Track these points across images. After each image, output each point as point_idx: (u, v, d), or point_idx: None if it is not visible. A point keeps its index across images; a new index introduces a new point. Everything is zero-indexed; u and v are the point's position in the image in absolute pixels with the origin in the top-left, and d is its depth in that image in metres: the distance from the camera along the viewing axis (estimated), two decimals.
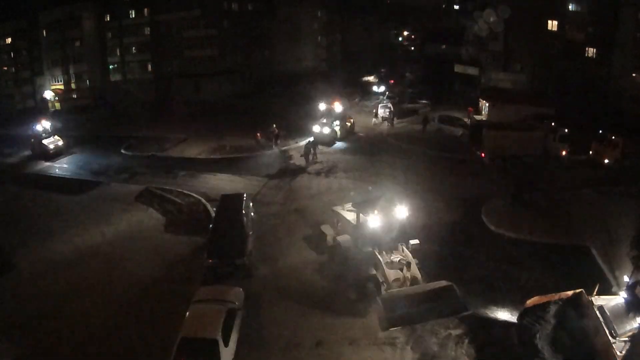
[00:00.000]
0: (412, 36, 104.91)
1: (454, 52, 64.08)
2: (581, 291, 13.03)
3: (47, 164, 33.60)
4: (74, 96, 63.68)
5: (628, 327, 12.13)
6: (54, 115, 51.51)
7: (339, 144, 34.31)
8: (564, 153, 28.83)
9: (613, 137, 28.38)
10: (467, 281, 16.39)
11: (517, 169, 27.43)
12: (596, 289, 13.25)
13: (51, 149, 34.80)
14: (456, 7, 74.77)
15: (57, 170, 32.44)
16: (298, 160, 30.50)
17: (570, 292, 13.16)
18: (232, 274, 16.34)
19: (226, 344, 12.16)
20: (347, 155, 31.95)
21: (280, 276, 17.02)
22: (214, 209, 20.97)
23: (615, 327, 12.08)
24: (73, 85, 64.41)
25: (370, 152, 32.20)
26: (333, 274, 16.88)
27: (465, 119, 38.14)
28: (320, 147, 31.91)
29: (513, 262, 17.36)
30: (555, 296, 13.24)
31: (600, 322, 12.09)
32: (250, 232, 18.19)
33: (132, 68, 64.52)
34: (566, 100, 40.98)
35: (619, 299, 13.08)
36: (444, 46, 70.73)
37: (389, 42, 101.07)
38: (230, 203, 19.45)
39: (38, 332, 14.27)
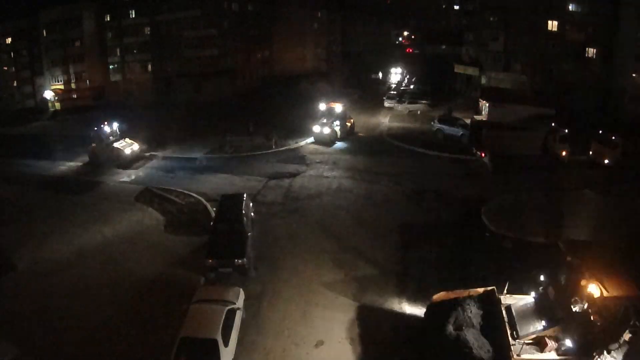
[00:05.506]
0: (412, 36, 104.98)
1: (454, 52, 64.25)
2: (493, 289, 12.92)
3: (128, 173, 29.68)
4: (74, 96, 63.72)
5: (532, 329, 11.64)
6: (54, 116, 51.52)
7: (339, 144, 34.31)
8: (564, 153, 28.78)
9: (613, 137, 28.36)
10: (467, 281, 16.40)
11: (517, 169, 27.40)
12: (506, 287, 13.04)
13: (127, 155, 31.11)
14: (456, 7, 74.78)
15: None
16: (298, 161, 30.48)
17: (481, 289, 13.11)
18: (232, 274, 16.32)
19: (226, 344, 12.16)
20: (347, 155, 31.94)
21: (280, 276, 17.02)
22: (214, 209, 20.97)
23: (518, 327, 11.70)
24: (73, 85, 64.41)
25: (370, 153, 32.21)
26: (333, 273, 16.93)
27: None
28: (319, 147, 31.85)
29: (513, 262, 17.32)
30: (465, 292, 13.15)
31: (505, 321, 11.86)
32: (250, 232, 18.19)
33: (132, 68, 64.54)
34: (566, 100, 41.03)
35: (529, 298, 12.66)
36: (444, 46, 70.93)
37: (389, 42, 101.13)
38: (230, 203, 19.42)
39: (38, 332, 14.26)
